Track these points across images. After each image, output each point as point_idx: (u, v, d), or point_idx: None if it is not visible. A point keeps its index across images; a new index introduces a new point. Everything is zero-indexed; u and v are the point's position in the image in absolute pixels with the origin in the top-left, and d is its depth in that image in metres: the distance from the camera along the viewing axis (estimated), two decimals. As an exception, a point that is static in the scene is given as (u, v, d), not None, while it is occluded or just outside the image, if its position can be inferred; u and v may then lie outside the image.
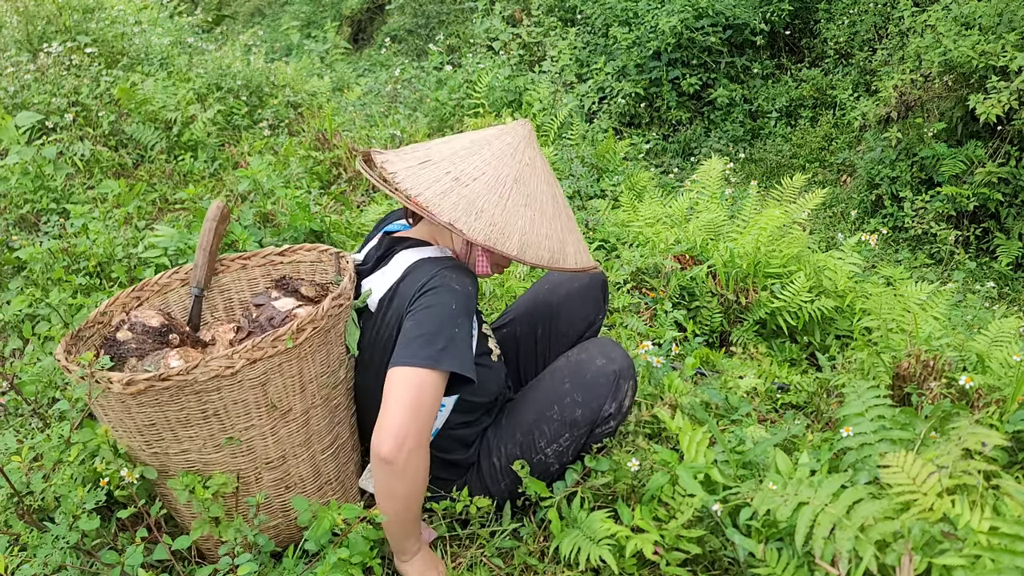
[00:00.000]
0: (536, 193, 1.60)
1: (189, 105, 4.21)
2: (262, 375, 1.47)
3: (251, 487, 1.57)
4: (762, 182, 6.18)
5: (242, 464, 1.54)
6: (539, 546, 1.71)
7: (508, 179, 1.57)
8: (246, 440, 1.51)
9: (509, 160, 1.59)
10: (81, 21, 4.90)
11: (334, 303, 1.55)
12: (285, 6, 11.44)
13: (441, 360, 1.43)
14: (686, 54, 7.11)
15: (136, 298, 1.79)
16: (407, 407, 1.41)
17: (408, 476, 1.43)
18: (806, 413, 2.39)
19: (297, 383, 1.53)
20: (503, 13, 7.61)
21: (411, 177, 1.56)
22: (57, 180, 3.19)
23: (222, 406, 1.46)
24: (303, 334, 1.49)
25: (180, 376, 1.39)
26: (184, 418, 1.45)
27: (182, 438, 1.47)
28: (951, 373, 2.09)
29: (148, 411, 1.43)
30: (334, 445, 1.67)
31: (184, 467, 1.52)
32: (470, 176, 1.56)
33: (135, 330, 1.63)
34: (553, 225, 1.61)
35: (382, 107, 5.58)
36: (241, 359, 1.42)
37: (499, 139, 1.62)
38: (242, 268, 1.92)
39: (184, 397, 1.42)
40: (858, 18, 6.97)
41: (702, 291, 2.96)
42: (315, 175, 3.80)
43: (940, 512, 1.25)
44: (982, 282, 4.77)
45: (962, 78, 5.31)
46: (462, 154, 1.60)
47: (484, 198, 1.54)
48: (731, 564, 1.59)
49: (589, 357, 1.74)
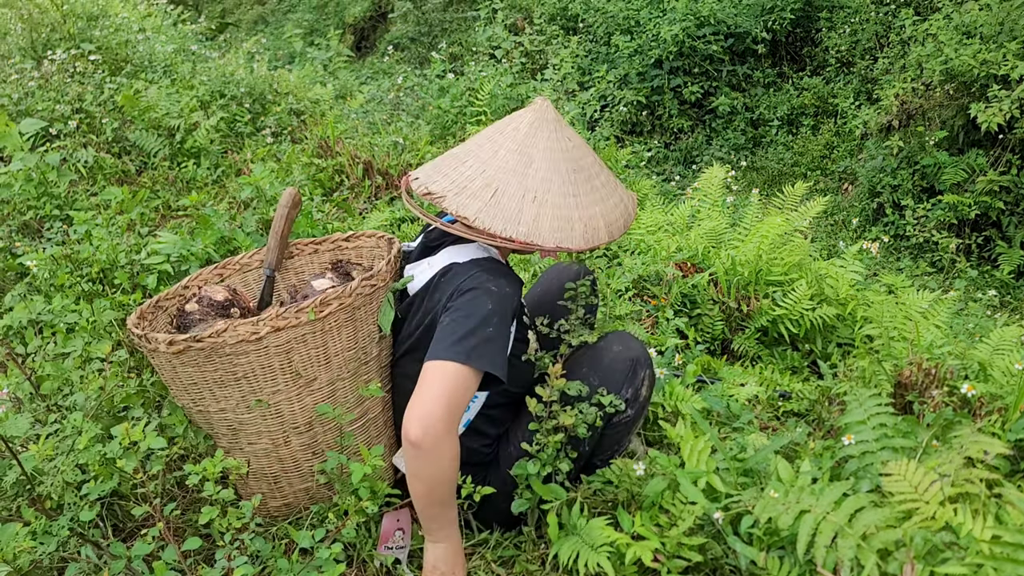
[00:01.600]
0: (590, 170, 1.67)
1: (192, 112, 4.23)
2: (286, 343, 1.58)
3: (280, 449, 1.68)
4: (763, 190, 6.19)
5: (272, 426, 1.66)
6: (539, 553, 1.71)
7: (569, 172, 1.64)
8: (274, 404, 1.63)
9: (559, 153, 1.65)
10: (85, 28, 4.92)
11: (363, 283, 1.64)
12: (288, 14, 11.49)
13: (472, 358, 1.48)
14: (688, 62, 7.13)
15: (219, 275, 1.97)
16: (436, 397, 1.46)
17: (433, 460, 1.47)
18: (808, 421, 2.39)
19: (322, 355, 1.63)
20: (505, 21, 7.64)
21: (496, 217, 1.58)
22: (60, 187, 3.20)
23: (250, 370, 1.58)
24: (327, 308, 1.59)
25: (211, 339, 1.53)
26: (219, 379, 1.59)
27: (219, 397, 1.62)
28: (953, 381, 2.09)
29: (190, 371, 1.59)
30: (363, 419, 1.75)
31: (223, 425, 1.66)
32: (543, 190, 1.61)
33: (202, 303, 1.81)
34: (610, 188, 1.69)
35: (385, 115, 5.60)
36: (266, 327, 1.55)
37: (538, 134, 1.65)
38: (313, 252, 2.08)
39: (217, 359, 1.56)
40: (859, 27, 6.99)
41: (703, 299, 2.96)
42: (318, 182, 3.81)
43: (942, 521, 1.25)
44: (984, 290, 4.77)
45: (963, 87, 5.33)
46: (521, 169, 1.62)
47: (564, 205, 1.61)
48: (732, 572, 1.58)
49: (607, 344, 1.78)
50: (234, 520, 1.50)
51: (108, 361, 1.97)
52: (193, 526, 1.76)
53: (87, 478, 1.63)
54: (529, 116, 1.68)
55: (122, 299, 2.35)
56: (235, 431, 1.67)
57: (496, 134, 1.68)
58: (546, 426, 1.61)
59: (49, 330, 2.24)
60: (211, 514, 1.49)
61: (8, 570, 1.44)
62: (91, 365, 2.00)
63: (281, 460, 1.70)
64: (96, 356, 2.02)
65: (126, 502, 1.75)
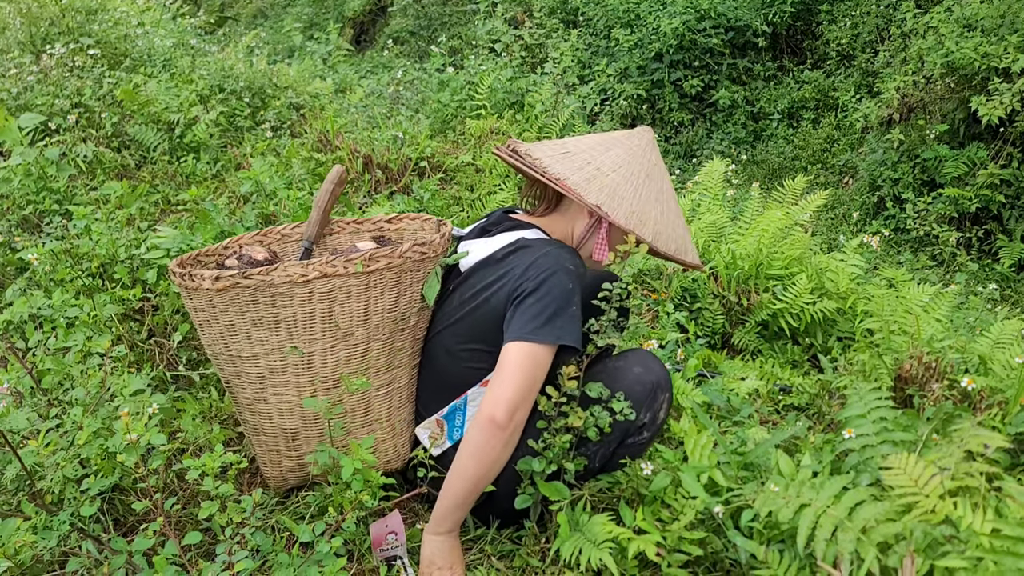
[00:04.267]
0: (664, 190, 1.75)
1: (192, 107, 4.22)
2: (330, 292, 1.62)
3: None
4: (764, 184, 6.18)
5: (301, 377, 1.68)
6: (539, 548, 1.71)
7: (641, 174, 1.72)
8: (308, 353, 1.65)
9: (640, 158, 1.74)
10: (84, 23, 4.91)
11: (414, 248, 1.66)
12: (287, 8, 11.46)
13: (562, 335, 1.52)
14: (688, 56, 7.12)
15: (259, 241, 2.00)
16: (524, 380, 1.50)
17: (507, 445, 1.52)
18: (808, 415, 2.39)
19: (362, 310, 1.66)
20: (505, 15, 7.62)
21: (556, 164, 1.70)
22: (60, 181, 3.20)
23: (291, 314, 1.62)
24: (375, 264, 1.62)
25: (260, 276, 1.57)
26: (258, 321, 1.62)
27: (254, 341, 1.65)
28: (953, 375, 2.09)
29: (230, 310, 1.62)
30: (389, 386, 1.77)
31: (253, 372, 1.68)
32: (609, 168, 1.70)
33: (242, 260, 1.84)
34: (678, 222, 1.76)
35: (384, 109, 5.58)
36: (315, 271, 1.58)
37: (628, 140, 1.77)
38: (354, 231, 2.09)
39: (261, 299, 1.60)
40: (860, 20, 6.97)
41: (704, 293, 2.95)
42: (317, 176, 3.80)
43: (942, 514, 1.25)
44: (984, 284, 4.77)
45: (964, 80, 5.31)
46: (599, 149, 1.74)
47: (623, 187, 1.68)
48: (733, 566, 1.59)
49: (627, 365, 1.74)
50: (234, 515, 1.50)
51: (108, 356, 1.97)
52: (194, 521, 1.76)
53: (88, 472, 1.63)
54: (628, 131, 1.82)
55: (122, 294, 2.35)
56: (263, 380, 1.69)
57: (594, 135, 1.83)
58: (555, 425, 1.61)
59: (49, 325, 2.24)
60: (211, 509, 1.49)
61: (8, 565, 1.45)
62: (91, 360, 2.00)
63: (304, 415, 1.73)
64: (96, 351, 2.02)
65: (127, 497, 1.76)
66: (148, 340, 2.35)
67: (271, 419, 1.74)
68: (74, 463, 1.61)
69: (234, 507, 1.51)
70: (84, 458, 1.63)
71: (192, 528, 1.72)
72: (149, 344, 2.34)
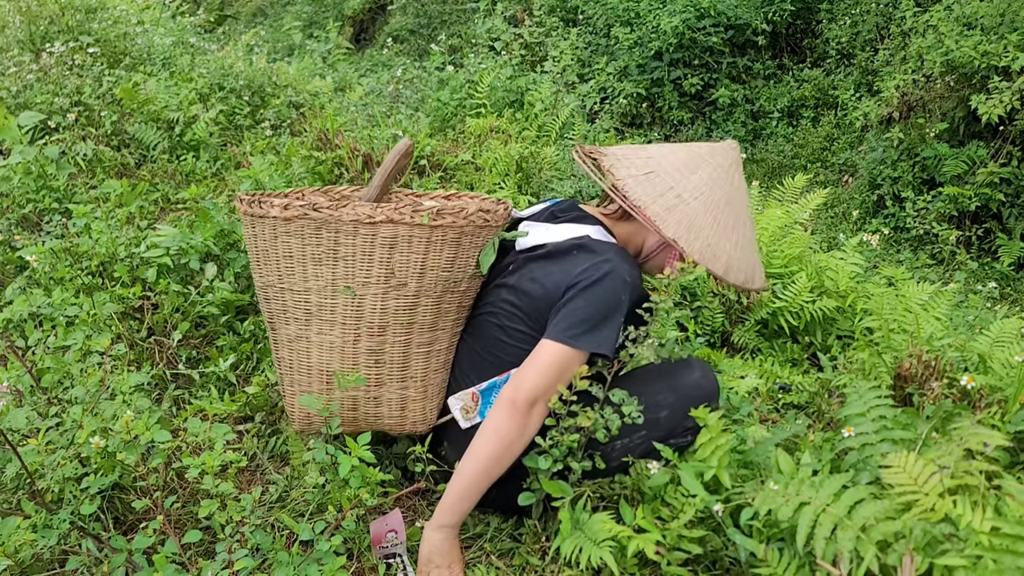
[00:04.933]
0: (743, 217, 1.75)
1: (191, 105, 4.21)
2: (392, 238, 1.64)
3: (347, 346, 1.73)
4: (764, 182, 6.18)
5: (349, 318, 1.70)
6: (540, 546, 1.71)
7: (721, 201, 1.72)
8: (359, 295, 1.68)
9: (723, 183, 1.73)
10: (84, 21, 4.90)
11: (479, 213, 1.70)
12: (287, 6, 11.45)
13: (599, 345, 1.58)
14: (688, 54, 7.11)
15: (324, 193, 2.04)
16: (552, 377, 1.55)
17: (523, 430, 1.54)
18: (808, 413, 2.39)
19: (420, 263, 1.68)
20: (505, 13, 7.61)
21: (638, 187, 1.70)
22: (59, 180, 3.19)
23: (352, 252, 1.65)
24: (441, 219, 1.65)
25: (329, 210, 1.61)
26: (318, 255, 1.66)
27: (309, 276, 1.68)
28: (953, 373, 2.09)
29: (292, 242, 1.66)
30: (430, 346, 1.79)
31: (302, 307, 1.71)
32: (691, 195, 1.70)
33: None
34: (749, 248, 1.76)
35: (384, 107, 5.58)
36: (382, 214, 1.62)
37: (713, 158, 1.75)
38: (412, 203, 2.07)
39: (325, 233, 1.64)
40: (860, 18, 6.97)
41: (703, 291, 2.95)
42: (317, 175, 3.80)
43: (942, 512, 1.25)
44: (984, 282, 4.77)
45: (964, 78, 5.31)
46: (683, 171, 1.73)
47: (702, 217, 1.68)
48: (732, 564, 1.59)
49: (688, 368, 1.78)
50: (234, 513, 1.50)
51: (107, 355, 1.97)
52: (193, 519, 1.76)
53: (88, 471, 1.63)
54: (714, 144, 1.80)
55: (122, 292, 2.35)
56: (310, 316, 1.72)
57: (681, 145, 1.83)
58: (564, 424, 1.61)
59: (49, 323, 2.24)
60: (211, 507, 1.50)
61: (8, 563, 1.45)
62: (91, 358, 2.00)
63: (343, 358, 1.73)
64: (96, 349, 2.02)
65: (127, 495, 1.76)
66: (148, 339, 2.35)
67: (310, 358, 1.75)
68: (74, 462, 1.62)
69: (234, 505, 1.51)
70: (84, 457, 1.63)
71: (192, 526, 1.72)
72: (149, 343, 2.34)
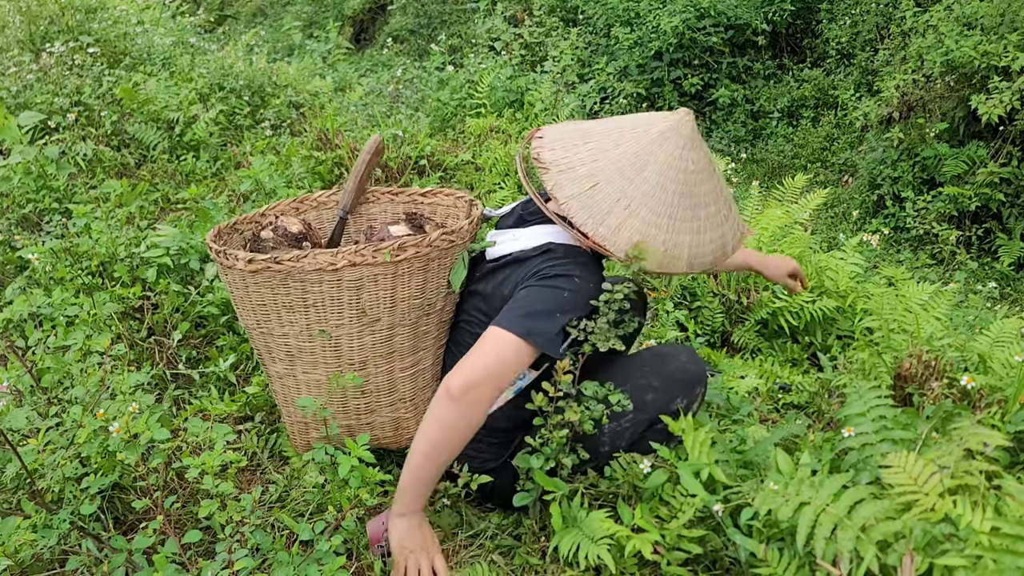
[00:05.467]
0: (700, 198, 1.64)
1: (191, 105, 4.21)
2: (358, 280, 1.64)
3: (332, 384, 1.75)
4: (764, 182, 6.18)
5: (329, 358, 1.72)
6: (539, 546, 1.71)
7: (675, 195, 1.61)
8: (335, 336, 1.70)
9: (675, 173, 1.61)
10: (84, 21, 4.90)
11: (443, 236, 1.69)
12: (287, 6, 11.45)
13: (532, 334, 1.53)
14: (688, 54, 7.11)
15: (296, 208, 2.05)
16: (490, 362, 1.52)
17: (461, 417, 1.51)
18: (807, 413, 2.39)
19: (389, 297, 1.69)
20: (505, 13, 7.61)
21: (585, 209, 1.60)
22: (59, 180, 3.19)
23: (320, 299, 1.65)
24: (403, 253, 1.65)
25: (291, 262, 1.61)
26: (288, 303, 1.66)
27: (284, 322, 1.69)
28: (953, 373, 2.09)
29: (262, 291, 1.66)
30: (414, 367, 1.81)
31: (283, 350, 1.74)
32: (639, 203, 1.59)
33: (277, 232, 1.89)
34: (714, 221, 1.66)
35: (384, 107, 5.58)
36: (344, 260, 1.61)
37: (664, 146, 1.61)
38: (389, 202, 2.13)
39: (291, 283, 1.64)
40: (860, 18, 6.96)
41: (703, 291, 2.96)
42: (317, 175, 3.80)
43: (942, 512, 1.25)
44: (984, 282, 4.77)
45: (964, 78, 5.31)
46: (628, 172, 1.60)
47: (655, 224, 1.59)
48: (732, 564, 1.59)
49: (674, 352, 1.77)
50: (234, 513, 1.50)
51: (107, 354, 1.97)
52: (193, 519, 1.76)
53: (88, 471, 1.63)
54: (663, 124, 1.64)
55: (122, 292, 2.35)
56: (293, 358, 1.74)
57: (627, 128, 1.66)
58: (552, 421, 1.61)
59: (49, 323, 2.24)
60: (211, 507, 1.50)
61: (8, 563, 1.45)
62: (91, 358, 2.00)
63: (331, 393, 1.76)
64: (96, 349, 2.02)
65: (127, 495, 1.76)
66: (148, 339, 2.35)
67: (300, 394, 1.79)
68: (74, 462, 1.62)
69: (234, 505, 1.51)
70: (84, 456, 1.63)
71: (192, 526, 1.72)
72: (149, 343, 2.34)
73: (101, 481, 1.60)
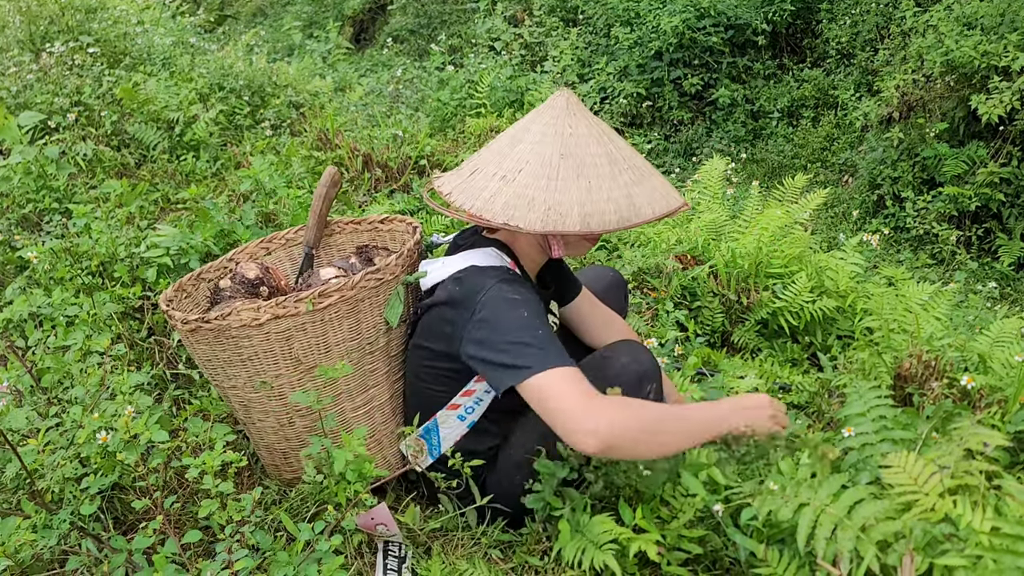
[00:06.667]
0: (586, 159, 1.60)
1: (191, 105, 4.22)
2: (285, 331, 1.62)
3: (286, 429, 1.75)
4: (764, 182, 6.18)
5: (276, 408, 1.72)
6: (541, 546, 1.71)
7: (554, 157, 1.58)
8: (277, 387, 1.68)
9: (551, 139, 1.61)
10: (84, 21, 4.90)
11: (367, 277, 1.66)
12: (287, 6, 11.45)
13: (548, 362, 1.46)
14: (688, 54, 7.11)
15: (264, 248, 2.06)
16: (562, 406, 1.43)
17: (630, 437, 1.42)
18: (807, 413, 2.39)
19: (322, 344, 1.67)
20: (505, 13, 7.61)
21: (463, 192, 1.62)
22: (59, 180, 3.19)
23: (254, 353, 1.64)
24: (326, 300, 1.62)
25: (217, 320, 1.60)
26: (228, 359, 1.66)
27: (230, 376, 1.70)
28: (953, 373, 2.09)
29: (204, 348, 1.67)
30: (368, 405, 1.79)
31: (236, 401, 1.75)
32: (515, 170, 1.59)
33: (235, 280, 1.87)
34: (616, 182, 1.60)
35: (384, 107, 5.58)
36: (267, 313, 1.59)
37: (538, 120, 1.64)
38: (353, 231, 2.16)
39: (225, 340, 1.63)
40: (860, 18, 6.96)
41: (703, 291, 2.95)
42: (317, 175, 3.80)
43: (942, 512, 1.25)
44: (984, 282, 4.77)
45: (964, 78, 5.31)
46: (505, 151, 1.63)
47: (533, 186, 1.57)
48: (732, 564, 1.59)
49: (615, 355, 1.72)
50: (234, 513, 1.50)
51: (107, 354, 1.97)
52: (193, 519, 1.76)
53: (88, 471, 1.63)
54: (547, 103, 1.67)
55: (122, 292, 2.35)
56: (246, 408, 1.75)
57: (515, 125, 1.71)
58: None
59: (49, 323, 2.24)
60: (211, 507, 1.50)
61: (8, 564, 1.45)
62: (91, 358, 2.00)
63: (287, 439, 1.77)
64: (96, 349, 2.02)
65: (126, 495, 1.76)
66: (148, 339, 2.35)
67: (262, 439, 1.80)
68: (74, 462, 1.62)
69: (234, 505, 1.51)
70: (84, 457, 1.63)
71: (192, 526, 1.72)
72: (149, 343, 2.34)
73: (101, 481, 1.59)
